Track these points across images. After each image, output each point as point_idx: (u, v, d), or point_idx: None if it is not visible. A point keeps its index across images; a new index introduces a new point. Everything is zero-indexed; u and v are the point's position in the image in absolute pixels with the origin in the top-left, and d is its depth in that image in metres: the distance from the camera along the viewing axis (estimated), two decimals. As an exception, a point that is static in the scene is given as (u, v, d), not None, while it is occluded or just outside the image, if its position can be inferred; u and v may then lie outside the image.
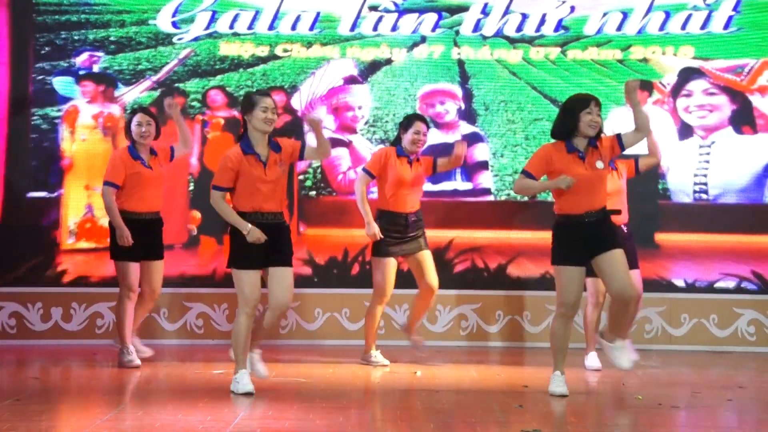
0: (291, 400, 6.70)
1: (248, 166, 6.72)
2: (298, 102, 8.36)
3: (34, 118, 8.44)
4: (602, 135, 6.81)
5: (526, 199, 8.75)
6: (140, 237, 7.98)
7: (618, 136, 6.81)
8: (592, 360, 8.20)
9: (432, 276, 8.17)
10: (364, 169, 7.93)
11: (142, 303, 8.23)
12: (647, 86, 8.44)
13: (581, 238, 6.82)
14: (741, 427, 6.04)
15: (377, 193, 8.04)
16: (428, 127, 8.01)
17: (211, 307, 9.58)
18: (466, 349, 8.46)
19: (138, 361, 8.08)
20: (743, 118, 8.41)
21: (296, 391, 7.02)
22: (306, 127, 8.55)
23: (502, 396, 7.00)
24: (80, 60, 8.31)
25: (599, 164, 6.80)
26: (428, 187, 8.37)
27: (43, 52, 8.16)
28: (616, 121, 8.33)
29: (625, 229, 7.85)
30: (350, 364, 8.33)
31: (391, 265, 8.10)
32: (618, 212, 7.18)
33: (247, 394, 6.76)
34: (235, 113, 8.20)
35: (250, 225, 6.66)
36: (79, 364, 8.49)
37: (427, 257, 8.17)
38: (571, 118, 6.74)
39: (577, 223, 6.82)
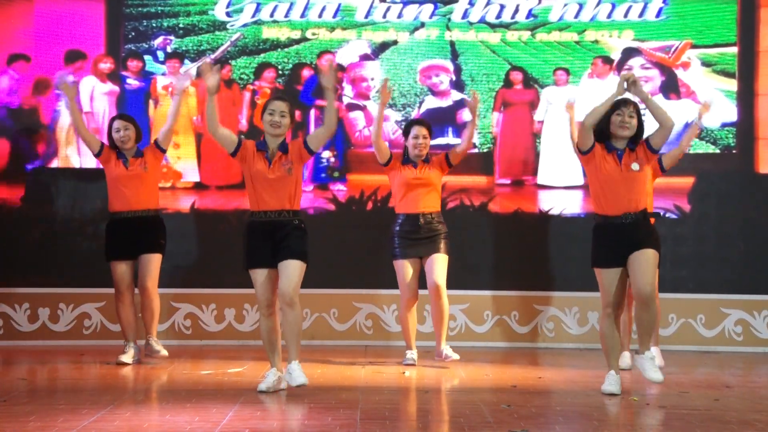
0: (279, 401, 6.70)
1: (253, 159, 6.96)
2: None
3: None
4: (642, 139, 7.01)
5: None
6: (128, 236, 8.21)
7: (646, 141, 7.00)
8: (623, 360, 8.16)
9: (438, 274, 8.25)
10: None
11: (141, 304, 8.35)
12: (609, 60, 9.87)
13: (619, 240, 6.93)
14: (727, 427, 6.05)
15: (393, 198, 8.52)
16: (430, 130, 8.43)
17: (199, 308, 9.58)
18: (454, 349, 8.47)
19: (123, 360, 8.20)
20: (670, 87, 9.90)
21: (284, 391, 7.01)
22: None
23: (490, 396, 7.00)
24: (157, 42, 9.86)
25: (635, 166, 6.94)
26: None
27: (129, 36, 9.82)
28: (580, 93, 9.79)
29: None
30: (338, 365, 8.33)
31: (406, 267, 8.30)
32: (657, 215, 7.31)
33: (265, 392, 6.90)
34: (278, 85, 9.91)
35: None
36: (66, 365, 8.47)
37: (439, 259, 8.27)
38: (605, 119, 6.96)
39: (614, 224, 6.95)
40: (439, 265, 8.26)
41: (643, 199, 7.02)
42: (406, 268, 8.31)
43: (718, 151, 9.83)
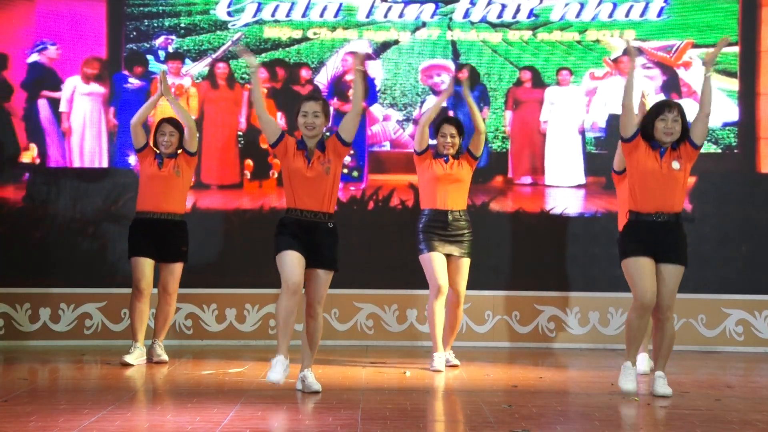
0: (280, 401, 6.69)
1: (293, 156, 6.95)
2: (324, 75, 9.92)
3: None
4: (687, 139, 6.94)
5: (505, 151, 9.83)
6: (152, 237, 8.29)
7: (688, 137, 6.93)
8: (641, 364, 7.94)
9: (461, 283, 8.21)
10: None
11: (158, 306, 8.36)
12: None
13: (650, 237, 6.87)
14: (728, 427, 6.05)
15: (420, 192, 8.35)
16: (459, 129, 8.28)
17: (200, 308, 9.58)
18: (455, 349, 8.47)
19: (127, 360, 8.15)
20: (671, 87, 9.90)
21: (285, 391, 7.01)
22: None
23: (491, 396, 7.00)
24: (158, 42, 9.86)
25: (675, 164, 6.90)
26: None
27: (131, 36, 9.83)
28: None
29: None
30: (339, 365, 8.33)
31: (435, 257, 8.12)
32: (692, 220, 7.21)
33: (275, 382, 6.82)
34: (274, 84, 9.84)
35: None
36: (67, 365, 8.47)
37: (464, 265, 8.21)
38: (649, 124, 6.95)
39: (646, 222, 6.90)
40: (463, 272, 8.22)
41: (679, 202, 6.96)
42: (435, 258, 8.11)
43: (719, 150, 9.84)
